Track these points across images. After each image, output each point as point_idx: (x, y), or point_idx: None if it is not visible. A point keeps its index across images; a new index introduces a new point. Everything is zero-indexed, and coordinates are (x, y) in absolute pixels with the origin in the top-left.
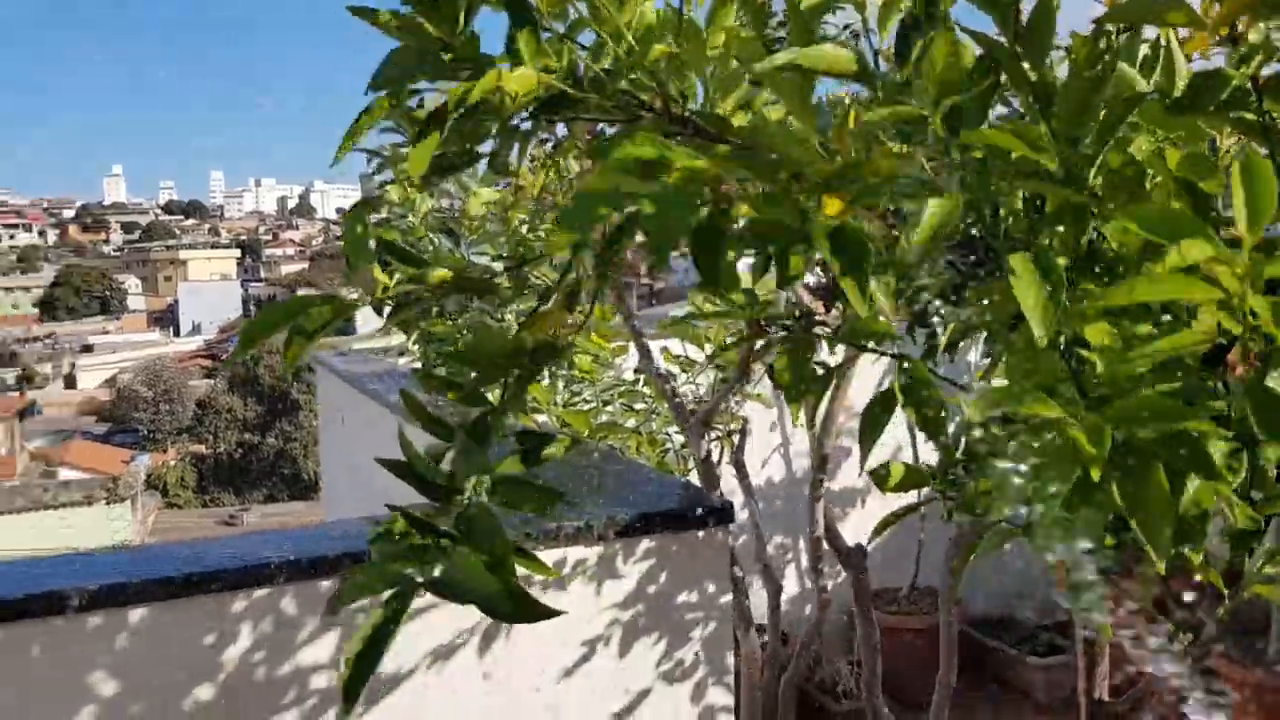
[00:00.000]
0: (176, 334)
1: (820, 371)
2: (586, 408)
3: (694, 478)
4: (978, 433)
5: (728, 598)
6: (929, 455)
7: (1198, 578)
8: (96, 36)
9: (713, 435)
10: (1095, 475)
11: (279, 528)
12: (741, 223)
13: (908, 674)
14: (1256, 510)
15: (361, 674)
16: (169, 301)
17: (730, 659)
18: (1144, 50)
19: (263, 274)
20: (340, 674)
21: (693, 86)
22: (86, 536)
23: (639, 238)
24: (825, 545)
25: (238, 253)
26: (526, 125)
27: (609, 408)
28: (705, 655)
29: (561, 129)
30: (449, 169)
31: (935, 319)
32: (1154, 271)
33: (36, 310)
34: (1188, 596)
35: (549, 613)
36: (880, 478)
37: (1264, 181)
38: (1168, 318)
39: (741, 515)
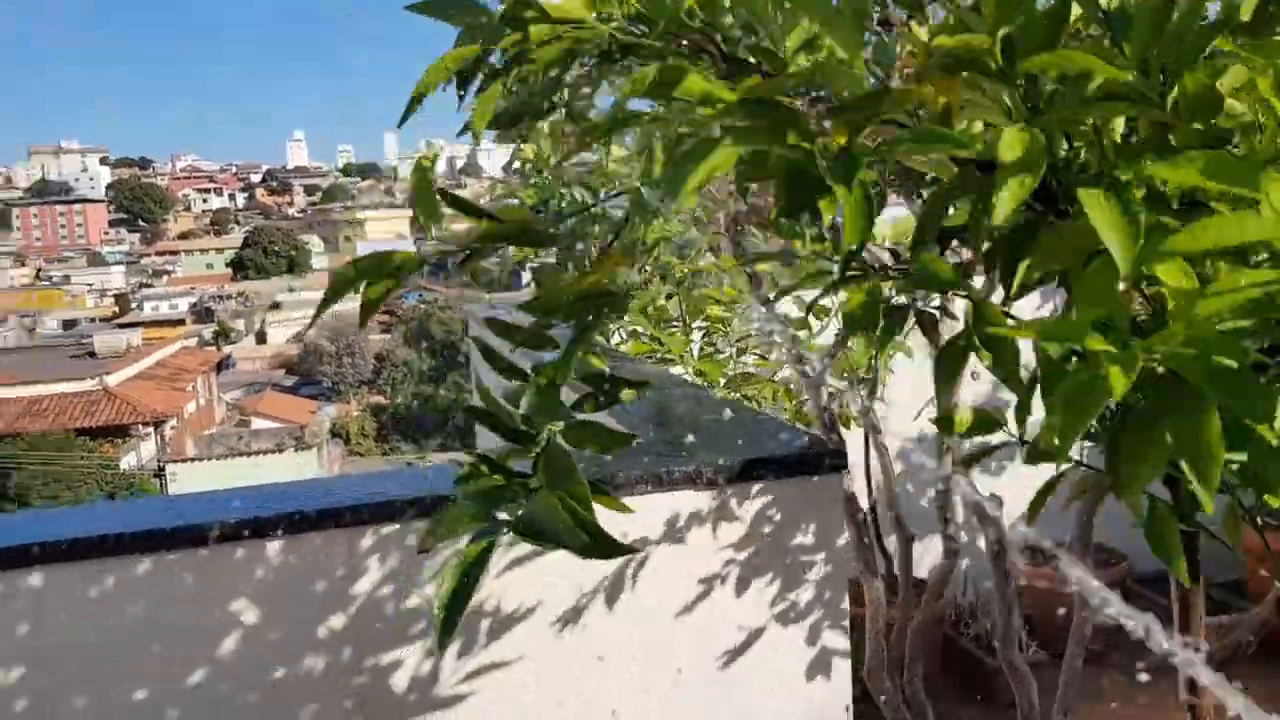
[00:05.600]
0: (356, 291)
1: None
2: (721, 358)
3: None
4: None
5: (842, 542)
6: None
7: None
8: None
9: (845, 385)
10: (1118, 391)
11: None
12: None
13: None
14: None
15: (454, 612)
16: (349, 260)
17: (846, 603)
18: None
19: (434, 232)
20: (434, 613)
21: (766, 21)
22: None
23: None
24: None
25: (410, 213)
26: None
27: (744, 358)
28: (820, 599)
29: None
30: (515, 120)
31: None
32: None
33: (229, 270)
34: None
35: (627, 549)
36: (948, 422)
37: None
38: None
39: (873, 465)
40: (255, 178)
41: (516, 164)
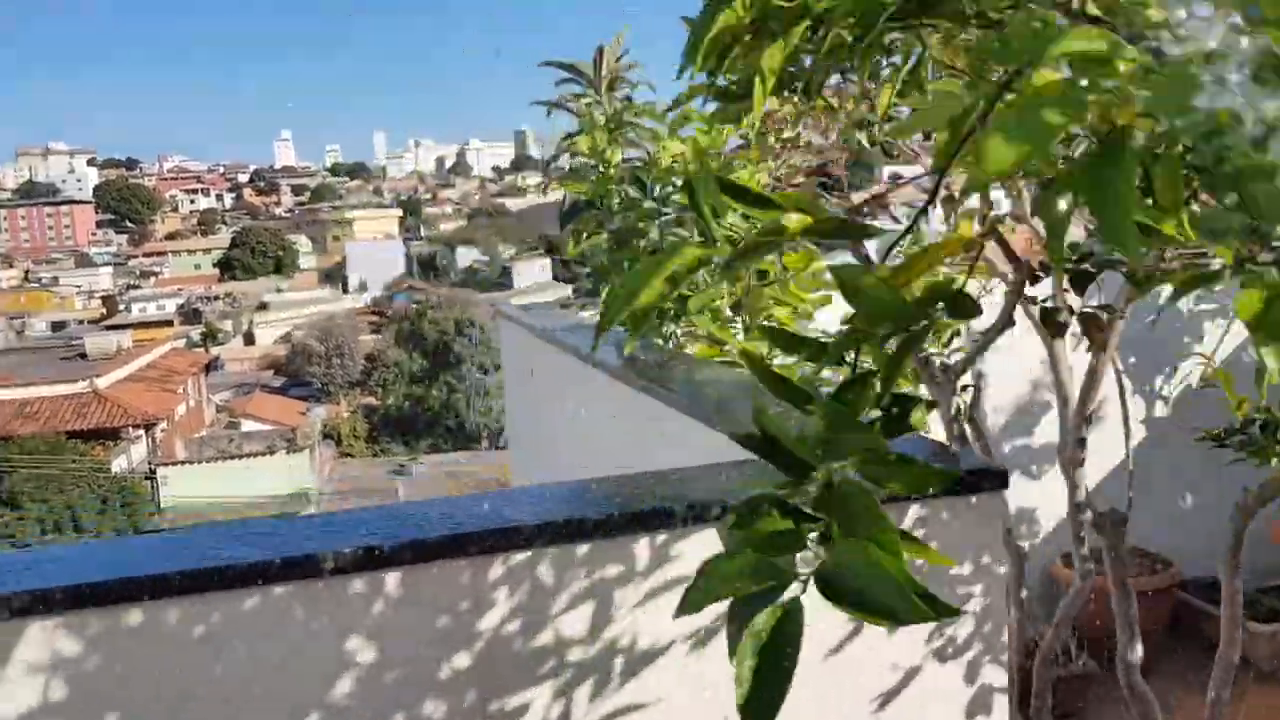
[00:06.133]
0: (345, 291)
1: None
2: (789, 364)
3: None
4: None
5: (1003, 569)
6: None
7: None
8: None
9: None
10: None
11: (449, 478)
12: None
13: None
14: None
15: (768, 699)
16: (337, 260)
17: (1006, 636)
18: None
19: (423, 232)
20: (739, 696)
21: None
22: (272, 484)
23: None
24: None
25: (399, 212)
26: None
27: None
28: (979, 631)
29: None
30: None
31: None
32: None
33: (217, 270)
34: None
35: (951, 612)
36: None
37: None
38: None
39: None
40: (243, 178)
41: (565, 157)
